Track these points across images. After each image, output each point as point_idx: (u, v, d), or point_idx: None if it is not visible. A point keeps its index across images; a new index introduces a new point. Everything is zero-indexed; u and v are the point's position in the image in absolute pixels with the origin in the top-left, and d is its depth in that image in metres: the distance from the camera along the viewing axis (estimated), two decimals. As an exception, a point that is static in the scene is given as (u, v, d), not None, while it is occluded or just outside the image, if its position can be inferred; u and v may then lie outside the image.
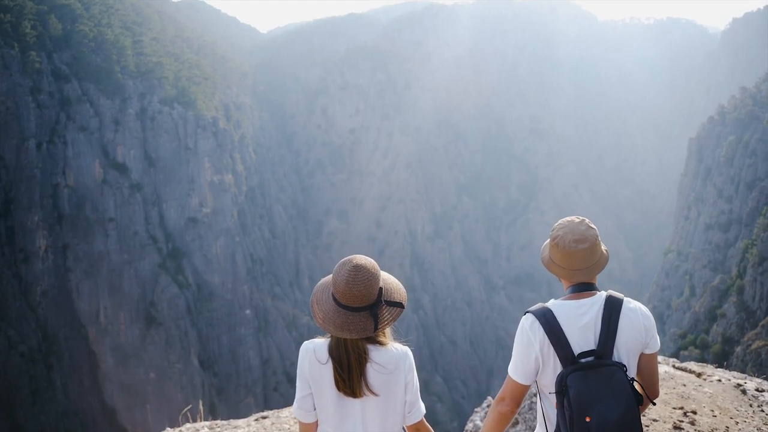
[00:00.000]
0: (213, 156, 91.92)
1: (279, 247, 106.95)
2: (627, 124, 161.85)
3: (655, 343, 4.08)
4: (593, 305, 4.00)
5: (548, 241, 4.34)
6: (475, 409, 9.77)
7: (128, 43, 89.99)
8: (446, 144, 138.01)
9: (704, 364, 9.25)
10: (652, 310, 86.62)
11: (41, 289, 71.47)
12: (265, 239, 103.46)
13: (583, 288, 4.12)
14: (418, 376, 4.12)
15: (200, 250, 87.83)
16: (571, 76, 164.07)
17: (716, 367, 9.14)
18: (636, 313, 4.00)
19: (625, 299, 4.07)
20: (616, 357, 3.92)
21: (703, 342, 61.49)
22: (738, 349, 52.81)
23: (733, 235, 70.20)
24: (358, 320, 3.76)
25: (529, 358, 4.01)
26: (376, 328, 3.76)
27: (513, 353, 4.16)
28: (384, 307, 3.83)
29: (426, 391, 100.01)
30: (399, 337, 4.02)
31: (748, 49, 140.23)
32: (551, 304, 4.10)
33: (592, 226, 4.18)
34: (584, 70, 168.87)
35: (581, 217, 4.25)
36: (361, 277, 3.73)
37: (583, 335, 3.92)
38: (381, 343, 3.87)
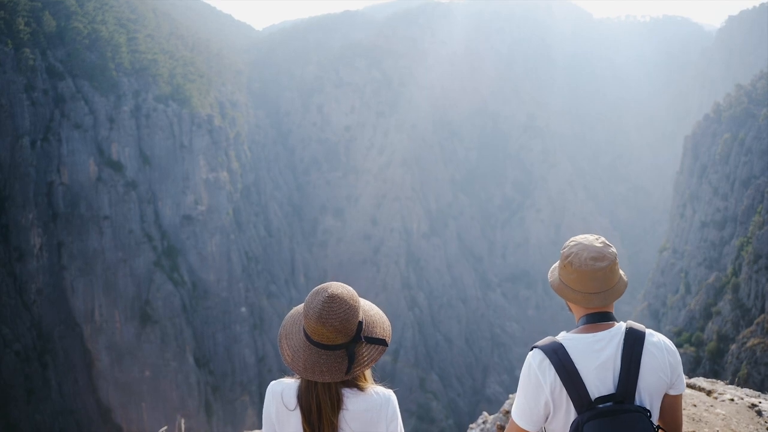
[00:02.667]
0: (208, 153, 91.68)
1: (274, 245, 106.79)
2: (622, 121, 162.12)
3: (681, 383, 3.58)
4: (612, 339, 3.48)
5: (558, 262, 3.81)
6: (470, 426, 9.45)
7: (123, 40, 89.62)
8: (442, 141, 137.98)
9: (714, 380, 8.90)
10: (647, 307, 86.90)
11: (36, 287, 71.22)
12: (261, 237, 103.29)
13: (600, 318, 3.59)
14: (414, 373, 3.73)
15: (195, 248, 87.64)
16: (566, 73, 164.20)
17: (727, 383, 8.76)
18: (660, 349, 3.49)
19: (647, 331, 3.56)
20: (638, 400, 3.42)
21: (699, 339, 61.65)
22: (733, 346, 52.96)
23: (728, 233, 70.36)
24: (332, 361, 3.21)
25: (538, 402, 3.47)
26: (348, 371, 3.20)
27: (518, 394, 3.62)
28: (363, 345, 3.29)
29: (421, 388, 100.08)
30: (385, 375, 3.35)
31: (743, 46, 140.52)
32: (563, 337, 3.58)
33: (610, 244, 3.67)
34: (579, 68, 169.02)
35: (596, 235, 3.75)
36: (337, 309, 3.21)
37: (600, 375, 3.40)
38: (359, 387, 3.32)
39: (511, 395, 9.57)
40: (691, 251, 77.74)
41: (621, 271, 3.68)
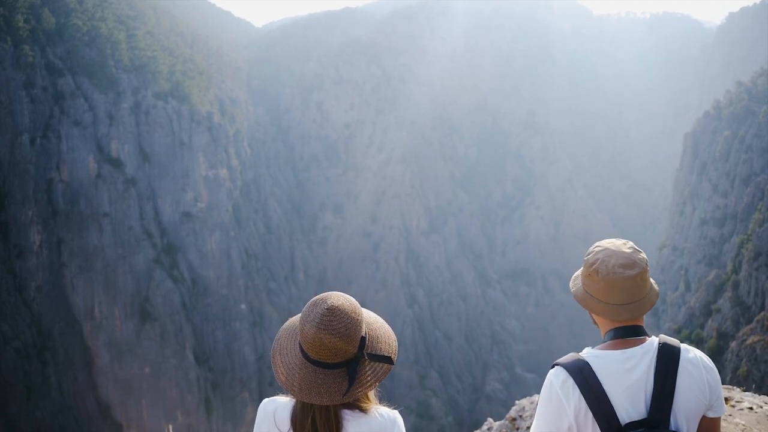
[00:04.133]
0: (207, 151, 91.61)
1: (274, 242, 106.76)
2: (622, 117, 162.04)
3: (721, 404, 3.22)
4: (644, 356, 3.13)
5: (581, 270, 3.46)
6: None
7: (122, 37, 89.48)
8: (441, 138, 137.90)
9: (730, 387, 8.67)
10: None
11: (36, 284, 71.19)
12: (260, 234, 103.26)
13: (629, 332, 3.23)
14: (413, 370, 3.50)
15: (195, 245, 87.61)
16: (566, 70, 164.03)
17: (743, 391, 8.55)
18: (698, 367, 3.14)
19: (683, 347, 3.21)
20: (673, 425, 3.06)
21: (698, 337, 61.69)
22: (733, 344, 53.00)
23: (728, 231, 70.36)
24: (331, 381, 2.88)
25: (560, 427, 3.13)
26: (348, 392, 2.87)
27: (537, 416, 3.30)
28: (366, 363, 2.96)
29: (421, 385, 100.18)
30: (388, 395, 3.18)
31: (743, 43, 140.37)
32: (588, 354, 3.23)
33: (639, 249, 3.34)
34: (579, 65, 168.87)
35: (624, 240, 3.41)
36: (337, 323, 2.86)
37: (631, 397, 3.05)
38: (362, 409, 3.01)
39: (517, 401, 9.44)
40: (691, 248, 77.76)
41: (651, 280, 3.35)
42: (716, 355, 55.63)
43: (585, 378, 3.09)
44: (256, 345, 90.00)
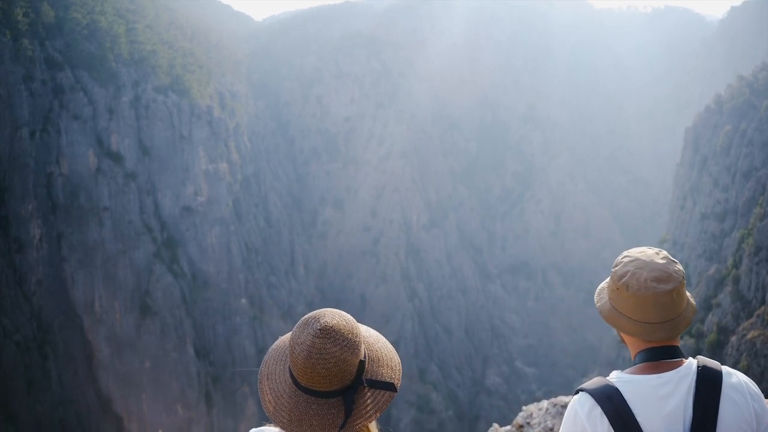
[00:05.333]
0: (207, 145, 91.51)
1: (274, 236, 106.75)
2: (622, 111, 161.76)
3: None
4: (681, 382, 2.78)
5: (607, 282, 3.13)
6: None
7: (122, 30, 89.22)
8: (441, 132, 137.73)
9: None
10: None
11: (36, 278, 71.16)
12: (260, 228, 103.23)
13: (664, 354, 2.88)
14: (414, 364, 3.18)
15: (195, 239, 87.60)
16: (567, 64, 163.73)
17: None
18: (743, 394, 2.78)
19: (724, 370, 2.85)
20: None
21: (699, 331, 61.70)
22: (733, 338, 53.02)
23: (728, 225, 70.28)
24: (326, 411, 2.54)
25: None
26: (344, 425, 2.51)
27: None
28: (366, 391, 2.59)
29: (421, 379, 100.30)
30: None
31: (744, 37, 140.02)
32: (617, 378, 2.86)
33: (674, 259, 2.99)
34: (580, 59, 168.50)
35: (656, 248, 3.06)
36: (331, 346, 2.50)
37: (667, 428, 2.70)
38: None
39: (524, 407, 9.31)
40: (692, 243, 77.72)
41: (688, 293, 2.98)
42: (716, 349, 55.69)
43: (614, 406, 2.74)
44: (257, 339, 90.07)
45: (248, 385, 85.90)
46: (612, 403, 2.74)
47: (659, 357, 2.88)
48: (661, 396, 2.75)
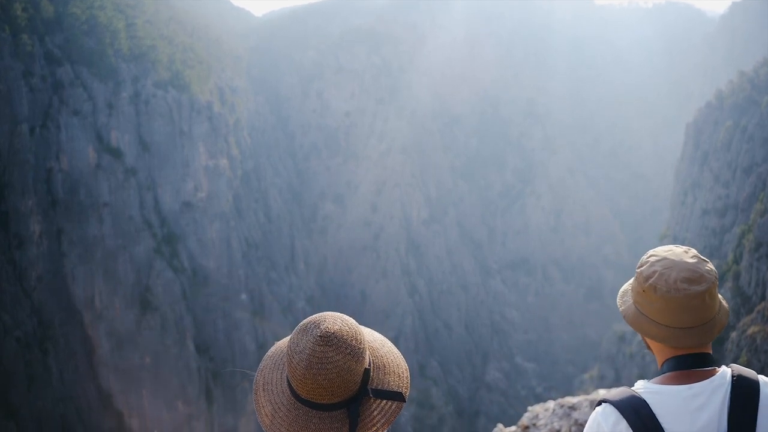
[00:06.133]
0: (208, 140, 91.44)
1: (274, 232, 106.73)
2: (623, 106, 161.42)
3: None
4: (714, 393, 2.55)
5: (631, 282, 2.91)
6: None
7: (121, 25, 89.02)
8: (441, 128, 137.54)
9: None
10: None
11: (36, 274, 71.17)
12: (261, 223, 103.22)
13: (695, 362, 2.66)
14: (414, 359, 2.97)
15: (195, 235, 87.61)
16: (567, 59, 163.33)
17: None
18: None
19: (761, 380, 2.62)
20: None
21: (699, 327, 61.63)
22: (733, 334, 53.01)
23: (729, 221, 70.24)
24: (328, 425, 2.33)
25: None
26: None
27: None
28: (372, 402, 2.39)
29: (421, 375, 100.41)
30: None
31: (745, 33, 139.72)
32: (644, 389, 2.63)
33: (705, 258, 2.76)
34: (580, 53, 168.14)
35: (684, 246, 2.82)
36: (333, 355, 2.29)
37: None
38: None
39: (530, 407, 9.13)
40: (692, 239, 77.66)
41: (719, 295, 2.76)
42: (716, 345, 55.70)
43: (642, 420, 2.51)
44: (257, 334, 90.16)
45: (248, 382, 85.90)
46: (639, 416, 2.52)
47: (690, 365, 2.65)
48: (692, 409, 2.53)
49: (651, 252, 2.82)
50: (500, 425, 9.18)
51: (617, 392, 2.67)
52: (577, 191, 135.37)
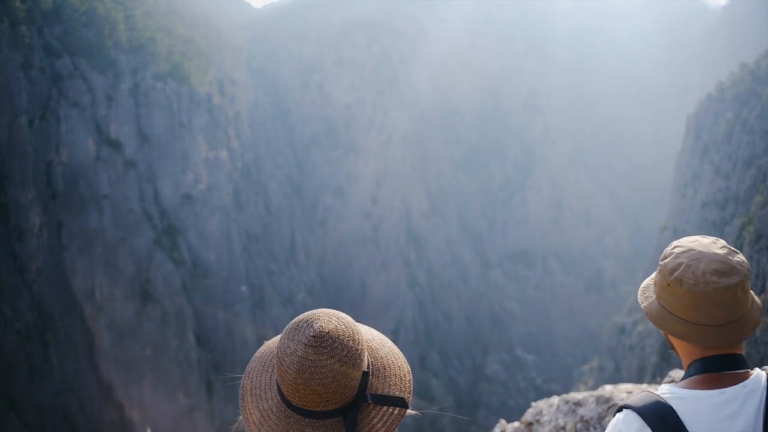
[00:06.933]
0: (207, 132, 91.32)
1: (274, 224, 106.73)
2: (623, 98, 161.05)
3: None
4: (748, 398, 2.32)
5: (653, 276, 2.68)
6: None
7: (120, 17, 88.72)
8: (442, 119, 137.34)
9: None
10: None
11: (36, 266, 71.18)
12: (261, 216, 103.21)
13: (727, 363, 2.43)
14: (414, 351, 2.72)
15: (195, 227, 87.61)
16: (567, 50, 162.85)
17: None
18: None
19: None
20: None
21: (699, 319, 61.68)
22: (733, 326, 53.00)
23: (729, 213, 70.17)
24: None
25: None
26: None
27: None
28: (371, 408, 2.16)
29: (421, 366, 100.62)
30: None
31: (747, 24, 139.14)
32: (670, 394, 2.38)
33: (735, 249, 2.55)
34: (580, 44, 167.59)
35: (712, 237, 2.58)
36: (327, 358, 2.05)
37: None
38: None
39: (533, 403, 8.90)
40: (692, 231, 77.59)
41: (751, 291, 2.51)
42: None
43: (668, 428, 2.28)
44: (257, 326, 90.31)
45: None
46: (665, 424, 2.27)
47: (720, 367, 2.40)
48: (724, 416, 2.28)
49: (675, 243, 2.59)
50: (502, 421, 8.98)
51: (640, 397, 2.41)
52: (578, 183, 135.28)
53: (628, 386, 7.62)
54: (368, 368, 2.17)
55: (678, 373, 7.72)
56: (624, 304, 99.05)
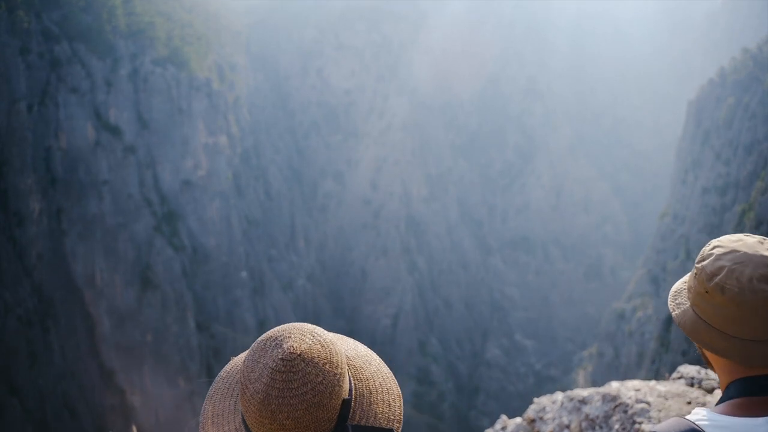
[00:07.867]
0: (207, 118, 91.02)
1: (274, 209, 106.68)
2: (623, 83, 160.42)
3: None
4: None
5: (686, 280, 2.43)
6: (486, 431, 8.66)
7: (119, 2, 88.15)
8: (442, 105, 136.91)
9: None
10: (647, 273, 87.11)
11: (36, 252, 71.22)
12: (261, 201, 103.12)
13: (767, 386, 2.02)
14: (414, 337, 2.42)
15: (195, 213, 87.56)
16: (568, 35, 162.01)
17: None
18: None
19: None
20: None
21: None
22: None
23: (730, 199, 70.08)
24: None
25: None
26: None
27: None
28: None
29: (421, 352, 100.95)
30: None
31: (748, 9, 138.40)
32: (706, 421, 2.01)
33: None
34: (581, 29, 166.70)
35: (757, 236, 2.18)
36: (299, 386, 1.73)
37: None
38: None
39: (536, 399, 8.59)
40: (692, 217, 77.59)
41: None
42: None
43: None
44: (257, 312, 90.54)
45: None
46: None
47: (765, 391, 2.02)
48: None
49: (715, 242, 2.23)
50: (504, 416, 8.72)
51: (671, 423, 2.03)
52: (578, 169, 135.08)
53: (636, 383, 7.38)
54: (350, 394, 1.85)
55: (688, 369, 7.52)
56: (623, 291, 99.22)
